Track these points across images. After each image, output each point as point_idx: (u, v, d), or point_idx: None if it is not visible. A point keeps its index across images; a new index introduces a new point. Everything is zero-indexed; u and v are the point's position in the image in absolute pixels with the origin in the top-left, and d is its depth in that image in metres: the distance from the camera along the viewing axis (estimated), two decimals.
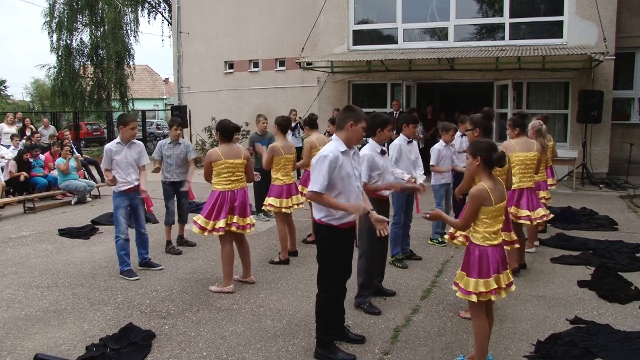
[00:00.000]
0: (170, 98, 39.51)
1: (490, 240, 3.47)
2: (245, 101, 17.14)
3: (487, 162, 3.50)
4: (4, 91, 46.36)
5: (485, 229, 3.46)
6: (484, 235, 3.47)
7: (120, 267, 5.74)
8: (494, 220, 3.47)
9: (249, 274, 5.51)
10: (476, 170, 3.59)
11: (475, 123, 4.71)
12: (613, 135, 12.13)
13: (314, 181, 3.66)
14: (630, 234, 7.30)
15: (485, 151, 3.50)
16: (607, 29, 11.07)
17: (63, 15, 24.12)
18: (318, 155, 3.72)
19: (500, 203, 3.50)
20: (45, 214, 9.26)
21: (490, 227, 3.46)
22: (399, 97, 12.96)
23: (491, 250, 3.47)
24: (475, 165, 3.54)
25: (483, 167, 3.51)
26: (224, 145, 5.25)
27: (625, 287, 5.13)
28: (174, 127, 6.76)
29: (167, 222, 6.82)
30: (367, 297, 4.74)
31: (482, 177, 3.54)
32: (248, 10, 16.86)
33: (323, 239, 3.84)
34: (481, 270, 3.45)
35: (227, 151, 5.21)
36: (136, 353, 3.91)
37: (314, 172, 3.68)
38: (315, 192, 3.65)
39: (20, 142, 11.50)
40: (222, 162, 5.17)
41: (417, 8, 12.77)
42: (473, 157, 3.55)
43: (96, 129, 27.64)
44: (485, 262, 3.46)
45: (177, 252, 6.65)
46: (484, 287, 3.43)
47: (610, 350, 3.81)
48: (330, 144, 3.77)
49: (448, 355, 3.85)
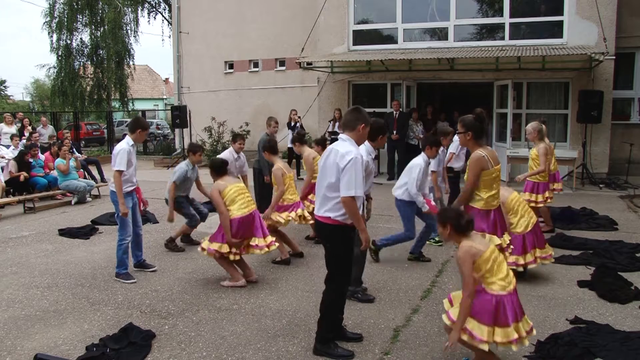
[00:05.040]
0: (170, 98, 39.51)
1: (508, 287, 3.34)
2: (245, 101, 17.14)
3: (457, 228, 3.43)
4: (4, 91, 46.37)
5: (499, 279, 3.35)
6: (499, 284, 3.33)
7: (118, 269, 5.69)
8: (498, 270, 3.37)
9: (251, 274, 5.53)
10: (448, 238, 3.53)
11: (467, 125, 4.45)
12: (613, 135, 12.13)
13: (349, 186, 3.59)
14: (630, 234, 7.29)
15: (454, 218, 3.44)
16: (607, 29, 11.07)
17: (63, 15, 24.12)
18: (346, 158, 3.62)
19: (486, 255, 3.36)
20: (45, 214, 9.26)
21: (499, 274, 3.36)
22: (399, 97, 12.96)
23: (509, 297, 3.33)
24: (447, 234, 3.49)
25: (454, 234, 3.45)
26: (219, 180, 5.43)
27: (625, 287, 5.13)
28: (199, 154, 6.92)
29: (192, 225, 6.87)
30: (359, 287, 4.86)
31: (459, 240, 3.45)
32: (248, 10, 16.86)
33: (339, 238, 3.82)
34: (497, 317, 3.29)
35: (227, 180, 5.44)
36: (136, 353, 3.91)
37: (349, 176, 3.60)
38: (353, 197, 3.61)
39: (21, 143, 11.51)
40: (231, 188, 5.34)
41: (417, 8, 12.77)
42: (442, 227, 3.48)
43: (96, 129, 27.64)
44: (502, 309, 3.30)
45: (180, 249, 6.70)
46: (500, 337, 3.26)
47: (610, 350, 3.81)
48: (347, 145, 3.73)
49: (448, 355, 3.85)
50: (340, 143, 3.79)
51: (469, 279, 3.32)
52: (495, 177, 4.39)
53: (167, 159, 16.97)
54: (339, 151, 3.71)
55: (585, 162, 11.44)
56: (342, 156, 3.66)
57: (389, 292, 5.18)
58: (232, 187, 5.36)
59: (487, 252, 3.36)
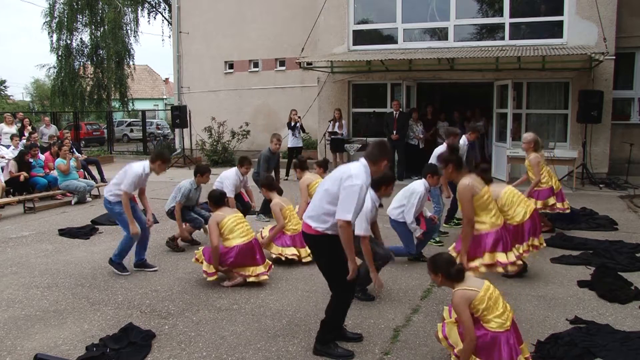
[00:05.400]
0: (170, 98, 39.51)
1: (505, 324, 3.37)
2: (245, 101, 17.14)
3: (448, 276, 3.47)
4: (4, 91, 46.39)
5: (495, 316, 3.37)
6: (496, 322, 3.36)
7: (115, 257, 5.77)
8: (493, 307, 3.39)
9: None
10: (442, 284, 3.57)
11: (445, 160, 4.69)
12: (613, 135, 12.12)
13: (348, 208, 3.58)
14: (630, 234, 7.29)
15: (444, 267, 3.47)
16: (607, 29, 11.07)
17: (63, 15, 24.14)
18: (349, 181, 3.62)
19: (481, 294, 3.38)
20: (45, 214, 9.26)
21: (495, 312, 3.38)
22: (399, 97, 12.96)
23: (505, 335, 3.36)
24: (439, 281, 3.53)
25: (446, 281, 3.50)
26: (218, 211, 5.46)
27: (625, 287, 5.13)
28: (207, 175, 6.81)
29: (197, 226, 6.89)
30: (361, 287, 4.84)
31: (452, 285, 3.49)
32: (248, 10, 16.86)
33: (327, 248, 3.81)
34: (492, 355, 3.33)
35: (225, 211, 5.47)
36: (136, 353, 3.91)
37: (347, 201, 3.60)
38: (349, 221, 3.59)
39: (21, 143, 11.51)
40: (229, 218, 5.37)
41: (417, 8, 12.77)
42: (434, 275, 3.53)
43: (96, 129, 27.66)
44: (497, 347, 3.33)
45: (180, 249, 6.72)
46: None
47: (610, 350, 3.81)
48: (361, 170, 3.71)
49: (448, 355, 3.85)
50: (356, 165, 3.76)
51: (468, 324, 3.35)
52: (487, 199, 4.59)
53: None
54: (350, 170, 3.71)
55: (585, 162, 11.44)
56: (350, 177, 3.65)
57: (389, 292, 5.18)
58: (230, 217, 5.40)
59: (482, 292, 3.39)
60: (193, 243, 6.94)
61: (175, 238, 6.82)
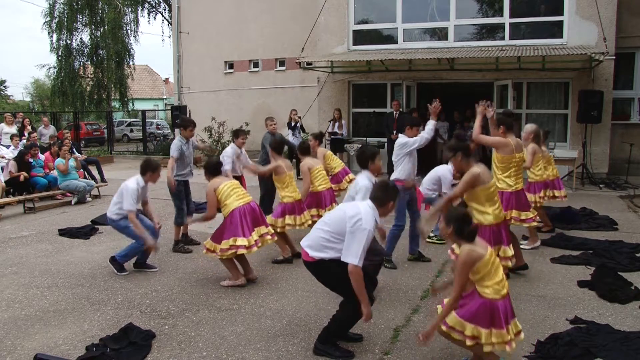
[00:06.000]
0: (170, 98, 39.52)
1: (502, 291, 3.39)
2: (245, 101, 17.15)
3: (458, 232, 3.46)
4: (4, 91, 46.38)
5: (494, 283, 3.38)
6: (493, 288, 3.38)
7: (120, 258, 5.79)
8: (493, 272, 3.40)
9: (250, 272, 5.54)
10: (449, 238, 3.56)
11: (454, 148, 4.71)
12: (613, 135, 12.13)
13: (356, 254, 3.59)
14: (630, 234, 7.29)
15: (458, 222, 3.46)
16: (607, 29, 11.07)
17: (63, 15, 24.14)
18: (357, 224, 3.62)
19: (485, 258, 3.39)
20: (45, 214, 9.26)
21: (495, 278, 3.40)
22: (399, 97, 12.96)
23: (502, 302, 3.37)
24: (448, 233, 3.52)
25: (455, 237, 3.49)
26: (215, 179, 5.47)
27: (625, 287, 5.13)
28: (190, 129, 7.07)
29: (179, 222, 6.82)
30: None
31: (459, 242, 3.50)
32: (248, 10, 16.87)
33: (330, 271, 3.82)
34: (493, 321, 3.34)
35: (221, 179, 5.49)
36: (136, 353, 3.91)
37: (356, 244, 3.60)
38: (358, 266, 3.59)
39: (21, 143, 11.50)
40: (225, 184, 5.39)
41: (417, 8, 12.77)
42: (446, 225, 3.52)
43: (96, 129, 27.65)
44: (497, 313, 3.35)
45: (187, 251, 6.68)
46: (495, 338, 3.32)
47: (610, 350, 3.81)
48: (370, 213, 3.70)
49: (448, 355, 3.85)
50: (365, 207, 3.75)
51: (462, 283, 3.38)
52: (494, 191, 4.71)
53: (167, 158, 16.94)
54: (360, 212, 3.69)
55: (585, 162, 11.44)
56: (360, 220, 3.64)
57: (389, 292, 5.19)
58: (226, 183, 5.43)
59: (487, 256, 3.40)
60: (192, 243, 6.93)
61: (178, 241, 6.80)
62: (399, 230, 5.94)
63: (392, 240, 5.91)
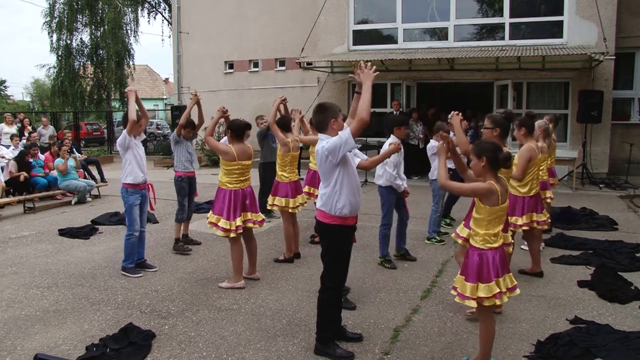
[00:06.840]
0: (170, 98, 39.52)
1: (490, 243, 3.41)
2: (245, 101, 17.14)
3: (492, 162, 3.42)
4: (4, 91, 46.38)
5: (487, 231, 3.41)
6: (484, 238, 3.41)
7: (125, 263, 5.76)
8: (497, 222, 3.42)
9: (254, 271, 5.55)
10: (481, 172, 3.48)
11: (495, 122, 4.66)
12: (613, 135, 12.13)
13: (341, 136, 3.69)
14: (630, 234, 7.30)
15: (491, 151, 3.42)
16: (607, 29, 11.08)
17: (63, 15, 24.10)
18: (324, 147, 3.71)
19: (504, 204, 3.46)
20: (45, 214, 9.26)
21: (492, 229, 3.41)
22: (399, 97, 12.97)
23: (491, 253, 3.41)
24: (481, 166, 3.45)
25: (489, 168, 3.43)
26: (236, 145, 5.30)
27: (625, 287, 5.13)
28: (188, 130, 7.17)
29: (180, 219, 6.78)
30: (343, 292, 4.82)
31: (488, 178, 3.44)
32: (248, 10, 16.86)
33: (335, 235, 3.85)
34: (480, 274, 3.39)
35: (240, 152, 5.27)
36: (136, 353, 3.91)
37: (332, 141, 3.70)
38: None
39: (21, 143, 11.51)
40: (235, 163, 5.25)
41: (417, 8, 12.78)
42: (478, 158, 3.45)
43: (96, 129, 27.67)
44: (486, 266, 3.39)
45: (186, 250, 6.65)
46: (483, 292, 3.37)
47: (610, 350, 3.81)
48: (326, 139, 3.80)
49: (448, 355, 3.85)
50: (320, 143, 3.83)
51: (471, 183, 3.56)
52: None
53: (167, 158, 16.95)
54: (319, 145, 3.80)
55: (585, 162, 11.45)
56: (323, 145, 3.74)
57: (389, 292, 5.18)
58: (238, 163, 5.22)
59: (500, 208, 3.42)
60: (193, 243, 6.93)
61: (178, 239, 6.78)
62: (387, 229, 5.97)
63: (383, 241, 5.96)
